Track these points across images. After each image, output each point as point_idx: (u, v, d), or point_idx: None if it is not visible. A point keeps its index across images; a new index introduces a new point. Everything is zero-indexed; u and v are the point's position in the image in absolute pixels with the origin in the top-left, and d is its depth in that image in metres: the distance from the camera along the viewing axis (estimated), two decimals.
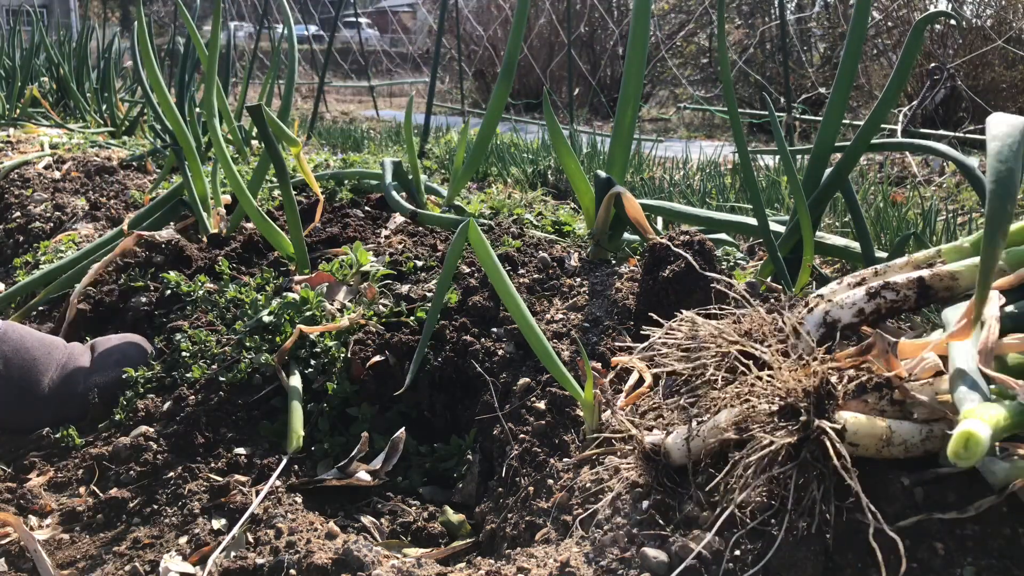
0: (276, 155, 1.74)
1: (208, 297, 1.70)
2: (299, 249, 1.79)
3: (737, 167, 3.21)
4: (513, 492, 1.15)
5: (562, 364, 1.13)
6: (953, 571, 0.76)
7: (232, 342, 1.51)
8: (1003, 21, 5.92)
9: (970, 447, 0.69)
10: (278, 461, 1.28)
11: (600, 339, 1.34)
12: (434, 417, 1.45)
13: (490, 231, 1.90)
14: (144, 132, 4.21)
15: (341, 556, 1.01)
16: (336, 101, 10.74)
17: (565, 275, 1.62)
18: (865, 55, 6.51)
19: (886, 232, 2.14)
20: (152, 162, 3.27)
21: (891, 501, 0.81)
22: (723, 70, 1.49)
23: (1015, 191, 0.81)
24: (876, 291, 1.00)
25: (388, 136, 5.08)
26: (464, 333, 1.46)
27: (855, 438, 0.79)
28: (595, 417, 1.12)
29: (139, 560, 1.10)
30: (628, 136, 1.70)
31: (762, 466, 0.79)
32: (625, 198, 1.58)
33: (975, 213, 2.66)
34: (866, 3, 1.42)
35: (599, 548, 0.89)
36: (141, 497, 1.23)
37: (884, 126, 3.50)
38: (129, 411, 1.43)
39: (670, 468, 0.93)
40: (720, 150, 4.09)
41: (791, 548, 0.78)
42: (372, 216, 2.24)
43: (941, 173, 3.78)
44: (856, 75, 1.53)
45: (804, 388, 0.79)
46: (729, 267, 1.70)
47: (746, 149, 1.52)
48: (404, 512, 1.24)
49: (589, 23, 9.24)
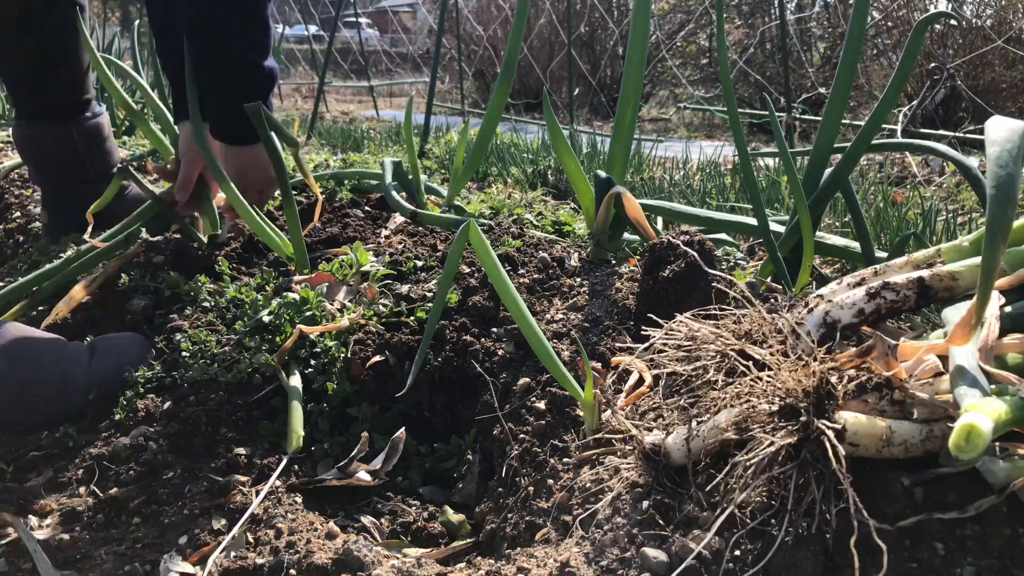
0: (276, 155, 1.74)
1: (208, 297, 1.70)
2: (299, 249, 1.79)
3: (737, 167, 3.21)
4: (513, 492, 1.15)
5: (562, 364, 1.13)
6: (953, 571, 0.76)
7: (232, 342, 1.51)
8: (1003, 21, 5.93)
9: (971, 440, 0.69)
10: (278, 461, 1.28)
11: (600, 339, 1.34)
12: (434, 417, 1.45)
13: (490, 231, 1.90)
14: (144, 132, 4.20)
15: (341, 556, 1.01)
16: (336, 101, 10.74)
17: (565, 275, 1.62)
18: (865, 55, 6.52)
19: (886, 232, 2.14)
20: (152, 162, 3.27)
21: (891, 501, 0.81)
22: (723, 70, 1.49)
23: (1015, 196, 0.80)
24: (876, 291, 1.00)
25: (388, 136, 5.08)
26: (464, 333, 1.46)
27: (855, 438, 0.79)
28: (595, 417, 1.12)
29: (139, 560, 1.10)
30: (628, 136, 1.70)
31: (762, 466, 0.79)
32: (625, 198, 1.58)
33: (975, 213, 2.66)
34: (865, 4, 1.42)
35: (599, 548, 0.89)
36: (141, 497, 1.23)
37: (884, 126, 3.49)
38: (129, 411, 1.43)
39: (670, 468, 0.93)
40: (720, 150, 4.10)
41: (791, 548, 0.78)
42: (372, 216, 2.24)
43: (941, 173, 3.78)
44: (856, 75, 1.53)
45: (804, 388, 0.79)
46: (729, 267, 1.70)
47: (746, 149, 1.53)
48: (404, 512, 1.25)
49: (589, 23, 9.24)
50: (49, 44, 2.12)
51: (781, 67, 5.47)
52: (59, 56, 2.14)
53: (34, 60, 2.12)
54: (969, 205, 3.00)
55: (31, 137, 2.22)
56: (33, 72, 2.14)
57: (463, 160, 2.24)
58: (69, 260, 1.93)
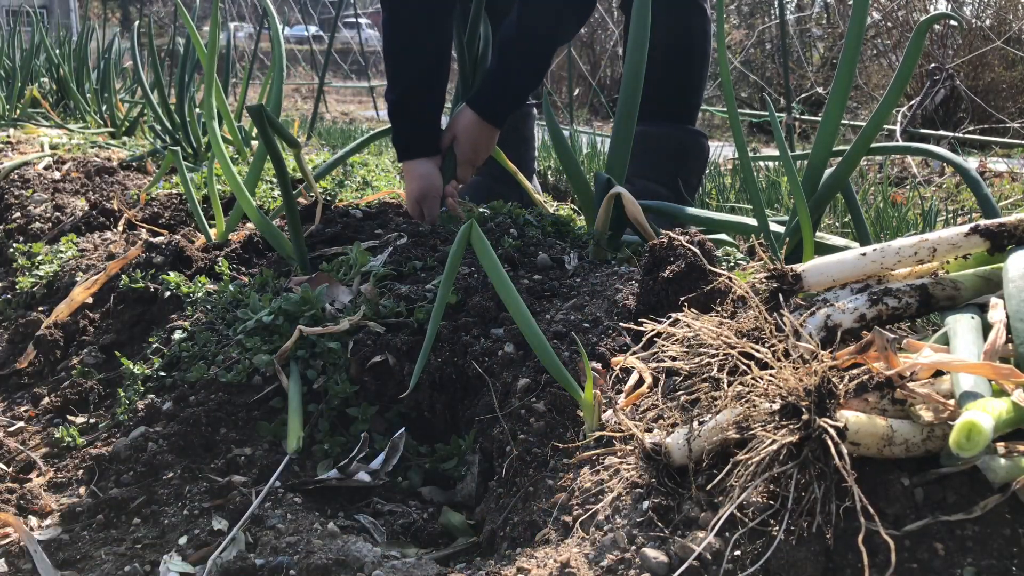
0: (276, 156, 1.74)
1: (208, 298, 1.70)
2: (299, 249, 1.79)
3: (737, 167, 3.21)
4: (513, 492, 1.15)
5: (562, 364, 1.13)
6: (953, 571, 0.76)
7: (232, 342, 1.51)
8: (1003, 21, 5.93)
9: (972, 437, 0.69)
10: (278, 461, 1.28)
11: (600, 339, 1.34)
12: (434, 417, 1.45)
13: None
14: (144, 132, 4.21)
15: (341, 556, 1.01)
16: (336, 101, 10.74)
17: (565, 275, 1.62)
18: (864, 55, 6.52)
19: (886, 232, 2.15)
20: (152, 162, 3.27)
21: (892, 502, 0.81)
22: (722, 70, 1.50)
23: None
24: (878, 297, 1.00)
25: (388, 136, 5.08)
26: (464, 333, 1.46)
27: (856, 437, 0.79)
28: (595, 417, 1.12)
29: (139, 560, 1.10)
30: (628, 137, 1.70)
31: (763, 465, 0.79)
32: (625, 198, 1.58)
33: (975, 214, 2.66)
34: (864, 4, 1.42)
35: (599, 549, 0.89)
36: (141, 497, 1.23)
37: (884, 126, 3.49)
38: (129, 411, 1.43)
39: (671, 468, 0.93)
40: (720, 150, 4.09)
41: (791, 548, 0.78)
42: (372, 216, 2.24)
43: (941, 173, 3.78)
44: (855, 76, 1.53)
45: (805, 387, 0.79)
46: (729, 267, 1.70)
47: (746, 150, 1.53)
48: (404, 512, 1.24)
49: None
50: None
51: (781, 67, 5.47)
52: None
53: None
54: (969, 205, 2.99)
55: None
56: None
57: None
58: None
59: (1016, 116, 5.46)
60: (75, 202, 2.71)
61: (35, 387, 1.77)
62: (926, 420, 0.81)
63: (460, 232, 1.11)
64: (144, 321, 1.80)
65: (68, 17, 18.92)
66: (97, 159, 3.25)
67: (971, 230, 1.01)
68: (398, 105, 2.13)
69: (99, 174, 3.08)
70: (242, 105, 3.47)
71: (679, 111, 2.32)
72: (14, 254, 2.32)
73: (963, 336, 0.89)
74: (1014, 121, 5.15)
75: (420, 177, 2.09)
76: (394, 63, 2.12)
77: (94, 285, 1.84)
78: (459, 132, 2.11)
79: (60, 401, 1.63)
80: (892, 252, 1.03)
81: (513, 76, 2.08)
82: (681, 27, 2.22)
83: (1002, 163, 3.87)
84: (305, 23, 11.27)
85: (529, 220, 2.01)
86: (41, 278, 2.13)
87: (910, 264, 1.03)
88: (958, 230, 1.02)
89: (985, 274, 1.01)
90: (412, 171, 2.11)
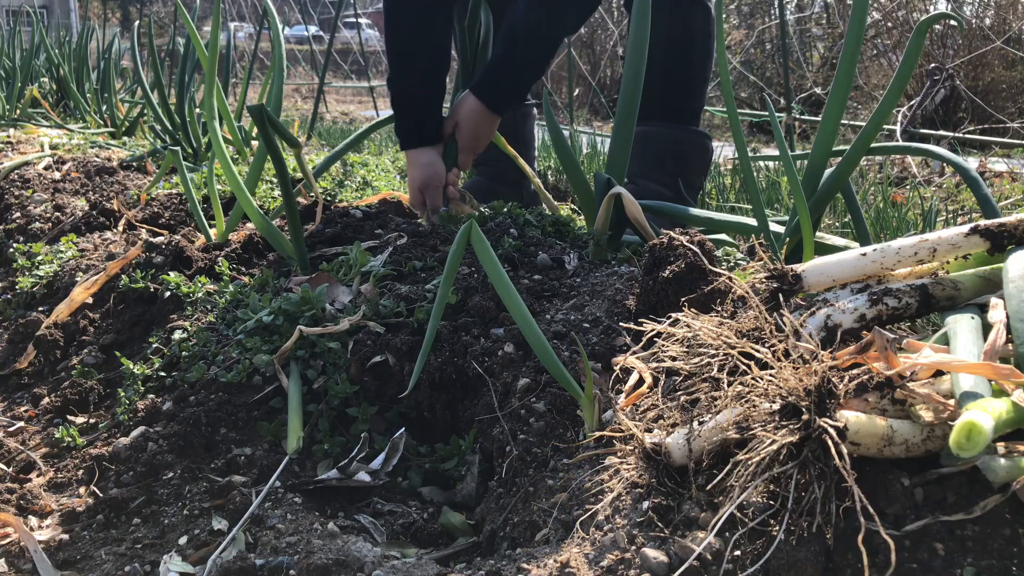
0: (276, 156, 1.74)
1: (208, 298, 1.70)
2: (299, 249, 1.79)
3: (737, 167, 3.21)
4: (513, 492, 1.15)
5: (562, 364, 1.13)
6: (953, 571, 0.76)
7: (232, 342, 1.51)
8: (1003, 21, 5.93)
9: (972, 437, 0.69)
10: (278, 461, 1.28)
11: (600, 339, 1.34)
12: (434, 417, 1.45)
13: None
14: (144, 132, 4.21)
15: (341, 556, 1.01)
16: (336, 101, 10.74)
17: (565, 275, 1.62)
18: (864, 56, 6.52)
19: (886, 232, 2.15)
20: (152, 163, 3.27)
21: (892, 501, 0.81)
22: (722, 70, 1.50)
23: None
24: (878, 297, 1.00)
25: (388, 137, 5.08)
26: (464, 333, 1.46)
27: (856, 437, 0.79)
28: (595, 417, 1.12)
29: (139, 560, 1.10)
30: (628, 136, 1.70)
31: (763, 464, 0.79)
32: (625, 199, 1.58)
33: (975, 214, 2.66)
34: (864, 4, 1.42)
35: (599, 549, 0.89)
36: (141, 497, 1.23)
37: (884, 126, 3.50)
38: (129, 411, 1.43)
39: (671, 468, 0.93)
40: (720, 150, 4.09)
41: (791, 548, 0.78)
42: (372, 216, 2.24)
43: (941, 173, 3.78)
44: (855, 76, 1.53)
45: (805, 387, 0.79)
46: (729, 267, 1.70)
47: (746, 150, 1.53)
48: (404, 512, 1.24)
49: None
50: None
51: (781, 67, 5.47)
52: None
53: None
54: (969, 205, 2.99)
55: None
56: None
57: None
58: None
59: (1016, 116, 5.46)
60: (75, 202, 2.71)
61: (35, 387, 1.77)
62: (926, 420, 0.81)
63: (460, 232, 1.11)
64: (144, 321, 1.80)
65: (68, 17, 18.92)
66: (97, 159, 3.25)
67: (971, 230, 1.01)
68: (401, 95, 2.14)
69: (99, 174, 3.08)
70: (242, 105, 3.47)
71: (681, 111, 2.32)
72: (14, 254, 2.33)
73: (963, 336, 0.89)
74: (1014, 121, 5.15)
75: (423, 165, 2.10)
76: (397, 53, 2.12)
77: (94, 285, 1.84)
78: (461, 119, 2.12)
79: (60, 401, 1.63)
80: (892, 252, 1.03)
81: (517, 64, 2.10)
82: (683, 26, 2.22)
83: (1002, 163, 3.87)
84: (305, 23, 11.27)
85: (529, 220, 2.01)
86: (41, 278, 2.13)
87: (910, 264, 1.03)
88: (958, 230, 1.02)
89: (985, 274, 1.01)
90: (415, 159, 2.12)
